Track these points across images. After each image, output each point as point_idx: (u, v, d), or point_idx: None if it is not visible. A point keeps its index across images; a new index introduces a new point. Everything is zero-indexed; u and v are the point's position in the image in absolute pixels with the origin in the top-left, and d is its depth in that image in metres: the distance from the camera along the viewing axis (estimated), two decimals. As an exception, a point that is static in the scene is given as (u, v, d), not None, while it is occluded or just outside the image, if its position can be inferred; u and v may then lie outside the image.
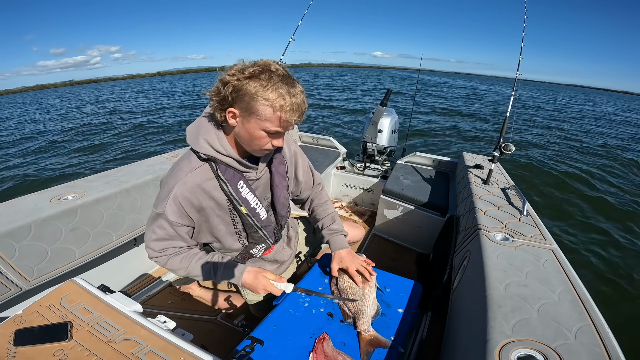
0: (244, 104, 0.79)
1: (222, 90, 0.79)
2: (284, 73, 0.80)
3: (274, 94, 0.77)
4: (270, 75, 0.77)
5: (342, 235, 1.23)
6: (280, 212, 1.12)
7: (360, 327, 0.99)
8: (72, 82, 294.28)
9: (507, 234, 1.24)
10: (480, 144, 8.41)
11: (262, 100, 0.77)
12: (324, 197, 1.31)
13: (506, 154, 1.69)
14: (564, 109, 21.30)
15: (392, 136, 2.95)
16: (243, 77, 0.77)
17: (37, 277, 1.27)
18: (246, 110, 0.80)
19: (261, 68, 0.78)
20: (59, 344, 0.74)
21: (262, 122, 0.80)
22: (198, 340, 0.89)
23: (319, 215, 1.28)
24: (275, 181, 1.06)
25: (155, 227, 0.94)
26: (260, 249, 1.14)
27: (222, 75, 0.80)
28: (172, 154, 2.04)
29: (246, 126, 0.83)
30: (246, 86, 0.77)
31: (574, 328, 0.79)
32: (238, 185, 0.95)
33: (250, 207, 1.00)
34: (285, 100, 0.78)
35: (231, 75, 0.78)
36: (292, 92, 0.79)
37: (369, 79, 40.63)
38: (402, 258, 2.21)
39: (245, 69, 0.78)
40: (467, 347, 0.88)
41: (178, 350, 0.74)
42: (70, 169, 6.58)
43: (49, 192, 1.44)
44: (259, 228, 1.06)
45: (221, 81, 0.80)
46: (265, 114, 0.79)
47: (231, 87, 0.78)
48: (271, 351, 0.92)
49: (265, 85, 0.77)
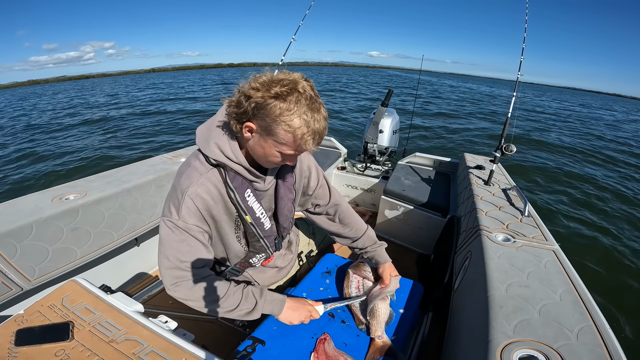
0: (265, 123, 0.75)
1: (244, 104, 0.74)
2: (311, 95, 0.75)
3: (298, 121, 0.73)
4: (298, 98, 0.72)
5: (383, 249, 1.26)
6: (282, 223, 1.09)
7: (374, 332, 0.98)
8: (64, 77, 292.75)
9: (508, 235, 1.24)
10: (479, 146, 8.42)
11: (284, 125, 0.73)
12: (352, 214, 1.28)
13: (507, 155, 1.69)
14: (563, 110, 21.30)
15: (393, 137, 2.95)
16: (268, 95, 0.72)
17: (39, 276, 1.27)
18: (265, 129, 0.76)
19: (289, 88, 0.72)
20: (61, 344, 0.74)
21: (280, 145, 0.77)
22: (199, 341, 0.89)
23: (354, 234, 1.26)
24: (280, 193, 1.03)
25: (172, 243, 0.85)
26: (260, 259, 1.10)
27: (245, 86, 0.75)
28: (173, 154, 2.04)
29: (262, 144, 0.79)
30: (271, 106, 0.72)
31: (575, 328, 0.79)
32: (245, 193, 0.92)
33: (255, 216, 0.97)
34: (308, 129, 0.75)
35: (255, 89, 0.73)
36: (317, 118, 0.75)
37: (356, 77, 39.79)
38: (403, 259, 2.20)
39: (272, 87, 0.72)
40: (469, 348, 0.88)
41: (179, 351, 0.74)
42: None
43: (50, 192, 1.44)
44: (261, 237, 1.02)
45: (244, 94, 0.74)
46: (284, 139, 0.76)
47: (254, 103, 0.73)
48: (272, 351, 0.92)
49: (291, 109, 0.72)
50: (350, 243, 1.27)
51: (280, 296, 1.00)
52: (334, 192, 1.23)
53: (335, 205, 1.24)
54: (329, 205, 1.23)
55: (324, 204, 1.22)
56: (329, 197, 1.22)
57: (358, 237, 1.25)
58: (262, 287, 1.00)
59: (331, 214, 1.26)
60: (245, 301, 0.93)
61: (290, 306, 0.99)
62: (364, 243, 1.25)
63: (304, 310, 1.00)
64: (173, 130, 9.50)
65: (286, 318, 0.98)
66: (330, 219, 1.27)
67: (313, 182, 1.15)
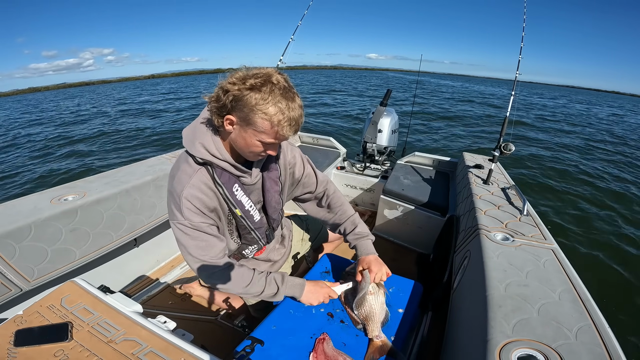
0: (243, 114, 0.79)
1: (222, 97, 0.79)
2: (285, 85, 0.80)
3: (274, 109, 0.78)
4: (272, 88, 0.78)
5: (369, 240, 1.21)
6: (271, 215, 1.13)
7: (371, 333, 0.98)
8: (64, 84, 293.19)
9: (507, 234, 1.24)
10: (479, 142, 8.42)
11: (261, 114, 0.78)
12: (339, 199, 1.28)
13: (506, 154, 1.69)
14: (562, 109, 21.33)
15: (392, 136, 2.95)
16: (244, 87, 0.77)
17: (38, 277, 1.27)
18: (244, 120, 0.81)
19: (263, 80, 0.78)
20: (60, 345, 0.74)
21: (259, 134, 0.82)
22: (198, 341, 0.89)
23: (339, 219, 1.25)
24: (266, 186, 1.07)
25: (189, 241, 0.92)
26: (253, 250, 1.15)
27: (223, 82, 0.80)
28: (171, 154, 2.04)
29: (242, 134, 0.84)
30: (246, 97, 0.77)
31: (574, 328, 0.79)
32: (233, 188, 0.96)
33: (245, 209, 1.02)
34: (283, 115, 0.79)
35: (232, 83, 0.78)
36: (291, 106, 0.80)
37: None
38: (402, 258, 2.21)
39: (247, 79, 0.78)
40: (468, 347, 0.88)
41: (178, 351, 0.74)
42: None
43: (49, 193, 1.44)
44: (252, 229, 1.07)
45: (222, 89, 0.80)
46: (262, 127, 0.80)
47: (231, 96, 0.78)
48: (271, 351, 0.91)
49: (266, 99, 0.77)
50: (336, 229, 1.28)
51: (300, 280, 1.07)
52: (321, 178, 1.25)
53: (323, 191, 1.27)
54: (317, 192, 1.26)
55: (312, 191, 1.25)
56: (316, 184, 1.24)
57: (342, 222, 1.24)
58: (283, 273, 1.08)
59: (319, 199, 1.28)
60: (269, 287, 1.02)
61: (309, 289, 1.06)
62: (346, 228, 1.23)
63: (322, 292, 1.07)
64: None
65: (307, 300, 1.05)
66: (318, 204, 1.29)
67: (298, 172, 1.18)
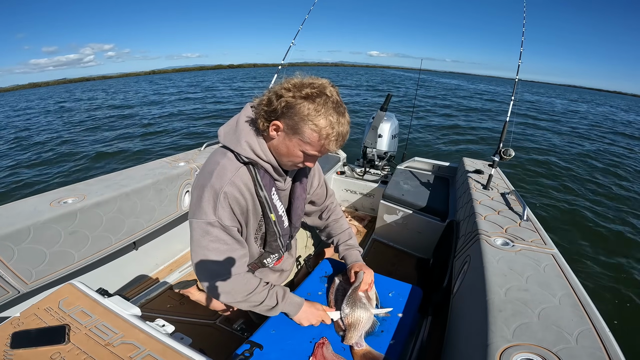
0: (292, 122, 0.79)
1: (275, 102, 0.79)
2: (337, 100, 0.81)
3: (325, 121, 0.78)
4: (326, 101, 0.78)
5: (357, 251, 1.24)
6: (294, 223, 1.12)
7: (348, 340, 0.96)
8: (65, 80, 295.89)
9: (507, 239, 1.24)
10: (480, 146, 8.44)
11: (311, 124, 0.78)
12: (339, 213, 1.32)
13: (506, 159, 1.69)
14: (561, 110, 21.45)
15: (392, 141, 2.96)
16: (299, 95, 0.77)
17: (35, 279, 1.26)
18: (292, 128, 0.80)
19: (318, 90, 0.78)
20: (56, 347, 0.73)
21: (304, 144, 0.82)
22: (197, 345, 0.89)
23: (335, 231, 1.28)
24: (296, 193, 1.07)
25: (209, 244, 0.86)
26: (274, 259, 1.12)
27: (276, 87, 0.81)
28: (172, 158, 2.05)
29: (286, 142, 0.83)
30: (299, 106, 0.77)
31: (575, 332, 0.79)
32: (272, 191, 0.95)
33: (278, 214, 1.00)
34: (333, 130, 0.79)
35: (287, 89, 0.79)
36: (341, 121, 0.81)
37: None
38: (402, 263, 2.20)
39: (303, 88, 0.78)
40: (468, 352, 0.88)
41: (177, 354, 0.74)
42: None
43: (48, 196, 1.44)
44: (279, 236, 1.04)
45: (275, 93, 0.80)
46: (309, 138, 0.80)
47: (284, 102, 0.78)
48: (270, 356, 0.91)
49: (319, 110, 0.77)
50: (330, 239, 1.31)
51: (299, 300, 1.03)
52: (330, 192, 1.29)
53: (329, 205, 1.30)
54: (322, 205, 1.28)
55: (319, 203, 1.27)
56: (325, 197, 1.27)
57: (337, 234, 1.27)
58: (285, 289, 1.04)
59: (322, 212, 1.31)
60: (269, 299, 0.97)
61: (305, 310, 1.02)
62: (340, 239, 1.26)
63: (316, 315, 1.03)
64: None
65: (298, 319, 1.02)
66: (320, 216, 1.31)
67: (316, 182, 1.20)
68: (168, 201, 1.78)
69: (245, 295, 0.93)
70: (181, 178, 1.85)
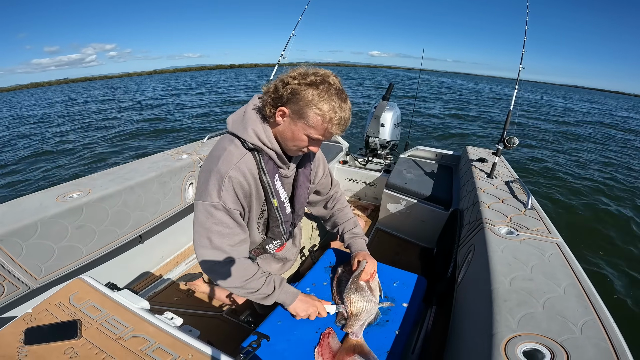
0: (297, 107, 0.84)
1: (281, 89, 0.84)
2: (340, 88, 0.86)
3: (328, 106, 0.83)
4: (329, 87, 0.83)
5: (362, 240, 1.26)
6: (297, 211, 1.14)
7: (348, 327, 0.97)
8: (67, 80, 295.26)
9: (511, 228, 1.24)
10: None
11: (315, 109, 0.82)
12: (344, 202, 1.35)
13: (510, 147, 1.68)
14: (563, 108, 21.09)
15: (395, 130, 2.94)
16: (304, 82, 0.82)
17: (45, 275, 1.28)
18: (297, 113, 0.85)
19: (322, 78, 0.83)
20: (69, 342, 0.75)
21: (309, 128, 0.86)
22: (204, 337, 0.90)
23: (340, 219, 1.30)
24: (299, 180, 1.09)
25: (212, 226, 0.90)
26: (275, 245, 1.16)
27: (283, 76, 0.86)
28: (175, 151, 2.04)
29: (291, 127, 0.87)
30: (304, 92, 0.82)
31: (579, 322, 0.79)
32: (274, 178, 0.98)
33: (281, 200, 1.03)
34: (335, 114, 0.84)
35: (293, 77, 0.83)
36: (344, 107, 0.85)
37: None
38: (406, 252, 2.21)
39: (308, 76, 0.83)
40: (472, 342, 0.89)
41: (186, 347, 0.75)
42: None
43: (54, 191, 1.44)
44: (282, 222, 1.08)
45: (282, 81, 0.85)
46: (313, 122, 0.84)
47: (290, 89, 0.82)
48: (277, 346, 0.93)
49: (322, 96, 0.82)
50: (335, 228, 1.33)
51: (294, 290, 1.06)
52: (334, 182, 1.32)
53: (334, 194, 1.32)
54: (327, 194, 1.30)
55: (324, 193, 1.29)
56: (330, 186, 1.30)
57: (342, 222, 1.30)
58: (282, 278, 1.06)
59: (327, 201, 1.33)
60: (266, 287, 0.99)
61: (300, 300, 1.04)
62: (346, 227, 1.29)
63: (312, 306, 1.04)
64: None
65: (294, 309, 1.03)
66: (325, 206, 1.33)
67: (320, 171, 1.22)
68: (172, 194, 1.79)
69: (243, 280, 0.96)
70: (185, 170, 1.85)
